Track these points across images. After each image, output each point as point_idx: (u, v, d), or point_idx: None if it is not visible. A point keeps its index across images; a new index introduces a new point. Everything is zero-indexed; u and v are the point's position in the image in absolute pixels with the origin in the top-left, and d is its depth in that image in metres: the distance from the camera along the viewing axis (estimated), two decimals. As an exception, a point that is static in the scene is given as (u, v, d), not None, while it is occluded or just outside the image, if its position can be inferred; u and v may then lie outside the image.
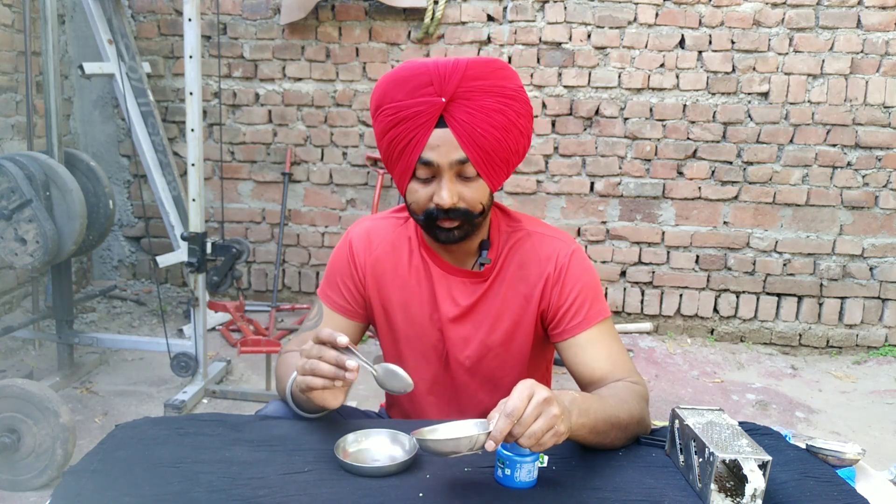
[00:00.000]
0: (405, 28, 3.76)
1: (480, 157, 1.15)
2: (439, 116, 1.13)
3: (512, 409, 0.93)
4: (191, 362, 2.82)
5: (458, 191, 1.17)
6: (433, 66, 1.14)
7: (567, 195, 3.83)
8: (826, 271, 3.75)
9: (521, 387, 0.96)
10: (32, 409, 2.15)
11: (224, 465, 1.04)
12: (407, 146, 1.16)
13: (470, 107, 1.13)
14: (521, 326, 1.31)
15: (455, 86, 1.13)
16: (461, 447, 0.95)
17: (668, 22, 3.62)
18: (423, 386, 1.37)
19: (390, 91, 1.17)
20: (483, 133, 1.14)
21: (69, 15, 3.90)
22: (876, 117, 3.59)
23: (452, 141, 1.14)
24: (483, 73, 1.15)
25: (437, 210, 1.18)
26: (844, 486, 1.05)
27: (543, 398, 0.95)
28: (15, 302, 3.48)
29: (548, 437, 0.95)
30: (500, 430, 0.92)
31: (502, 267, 1.30)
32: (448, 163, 1.15)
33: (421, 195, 1.19)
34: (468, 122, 1.13)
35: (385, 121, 1.17)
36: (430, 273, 1.32)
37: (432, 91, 1.13)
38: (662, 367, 3.47)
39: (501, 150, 1.17)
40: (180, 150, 3.92)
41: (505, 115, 1.16)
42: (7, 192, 2.43)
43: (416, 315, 1.33)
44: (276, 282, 3.90)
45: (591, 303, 1.27)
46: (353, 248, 1.36)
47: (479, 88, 1.14)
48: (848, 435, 2.85)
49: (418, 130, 1.14)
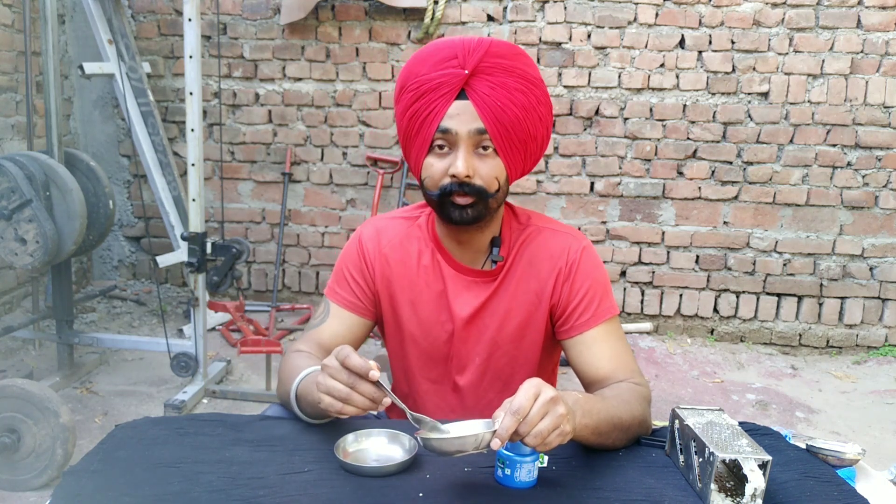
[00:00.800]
0: (405, 28, 3.76)
1: (498, 131, 1.17)
2: (461, 89, 1.15)
3: (518, 408, 0.92)
4: (191, 362, 2.82)
5: (475, 165, 1.18)
6: (459, 42, 1.18)
7: (567, 195, 3.83)
8: (826, 271, 3.75)
9: (528, 385, 0.95)
10: (32, 409, 2.15)
11: (224, 465, 1.04)
12: (427, 117, 1.17)
13: (492, 81, 1.15)
14: (531, 323, 1.30)
15: (478, 59, 1.15)
16: (466, 446, 0.94)
17: (668, 22, 3.62)
18: (428, 385, 1.37)
19: (415, 67, 1.19)
20: (503, 107, 1.16)
21: (69, 15, 3.90)
22: (876, 117, 3.59)
23: (472, 111, 1.15)
24: (506, 53, 1.17)
25: (451, 184, 1.18)
26: (844, 486, 1.05)
27: (550, 397, 0.95)
28: (15, 302, 3.48)
29: (553, 437, 0.95)
30: (505, 429, 0.91)
31: (513, 264, 1.30)
32: (467, 131, 1.16)
33: (437, 169, 1.19)
34: (489, 94, 1.15)
35: (408, 97, 1.19)
36: (440, 272, 1.31)
37: (456, 63, 1.15)
38: (662, 367, 3.47)
39: (520, 129, 1.18)
40: (180, 150, 3.92)
41: (526, 97, 1.18)
42: (7, 192, 2.43)
43: (425, 313, 1.33)
44: (276, 282, 3.90)
45: (599, 300, 1.27)
46: (363, 244, 1.36)
47: (502, 67, 1.16)
48: (848, 435, 2.85)
49: (440, 101, 1.16)
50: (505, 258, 1.30)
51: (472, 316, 1.30)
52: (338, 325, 1.35)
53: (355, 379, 1.00)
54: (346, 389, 1.00)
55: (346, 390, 1.00)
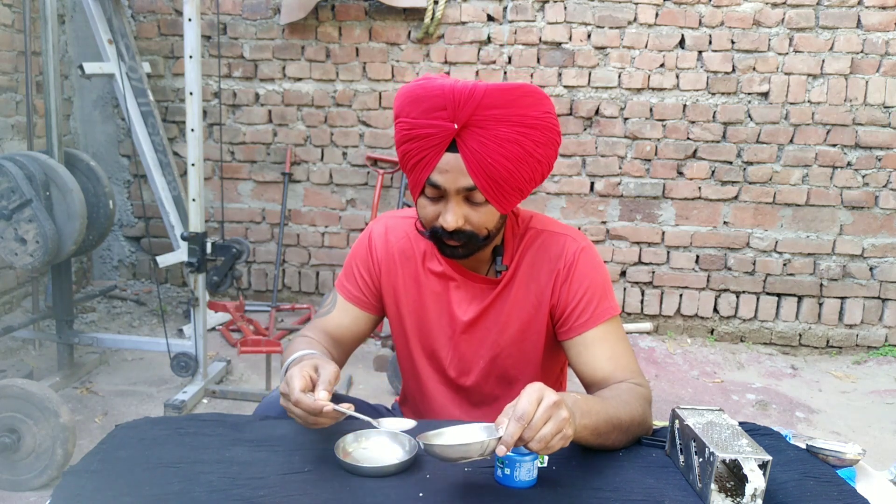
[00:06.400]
0: (405, 28, 3.76)
1: (489, 186, 1.14)
2: (451, 140, 1.12)
3: (522, 413, 0.93)
4: (191, 362, 2.81)
5: (465, 213, 1.17)
6: (449, 90, 1.11)
7: (567, 195, 3.83)
8: (826, 271, 3.75)
9: (530, 390, 0.96)
10: (32, 409, 2.15)
11: (224, 465, 1.04)
12: (418, 164, 1.15)
13: (483, 135, 1.11)
14: (532, 326, 1.31)
15: (469, 114, 1.10)
16: (471, 453, 0.94)
17: (668, 22, 3.62)
18: (434, 384, 1.38)
19: (406, 106, 1.16)
20: (493, 163, 1.12)
21: (69, 15, 3.90)
22: (876, 117, 3.59)
23: (461, 167, 1.12)
24: (501, 101, 1.11)
25: (442, 230, 1.18)
26: (844, 487, 1.05)
27: (553, 402, 0.95)
28: (15, 302, 3.48)
29: (556, 441, 0.95)
30: (510, 435, 0.92)
31: (515, 270, 1.30)
32: (455, 188, 1.15)
33: (429, 212, 1.19)
34: (479, 150, 1.11)
35: (401, 132, 1.18)
36: (444, 276, 1.32)
37: (446, 116, 1.10)
38: (662, 367, 3.47)
39: (513, 179, 1.15)
40: (180, 150, 3.92)
41: (521, 146, 1.13)
42: (7, 192, 2.43)
43: (428, 314, 1.34)
44: (276, 282, 3.90)
45: (598, 301, 1.27)
46: (372, 240, 1.37)
47: (495, 117, 1.11)
48: (848, 435, 2.85)
49: (429, 152, 1.13)
50: (508, 264, 1.30)
51: (474, 321, 1.31)
52: (343, 317, 1.38)
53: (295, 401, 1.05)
54: (310, 418, 1.06)
55: (310, 419, 1.06)
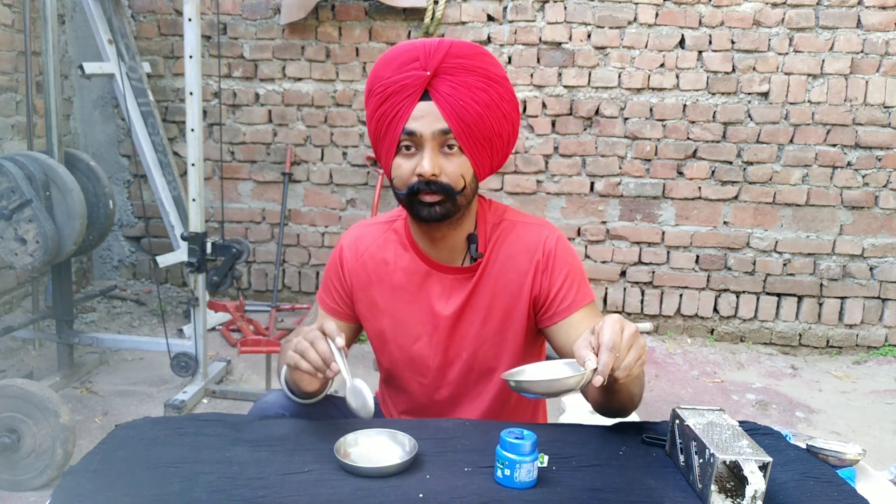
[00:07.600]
0: (405, 28, 3.76)
1: (462, 130, 1.20)
2: (424, 90, 1.19)
3: (613, 344, 0.97)
4: (191, 362, 2.82)
5: (441, 163, 1.21)
6: (420, 44, 1.21)
7: (567, 195, 3.83)
8: (826, 271, 3.75)
9: (612, 320, 1.00)
10: (32, 409, 2.15)
11: (224, 465, 1.04)
12: (393, 119, 1.21)
13: (453, 81, 1.19)
14: (513, 315, 1.33)
15: (439, 61, 1.19)
16: (571, 385, 0.98)
17: (668, 22, 3.62)
18: (415, 385, 1.39)
19: (380, 71, 1.23)
20: (465, 106, 1.19)
21: (69, 15, 3.90)
22: (876, 117, 3.59)
23: (436, 112, 1.19)
24: (467, 53, 1.21)
25: (419, 183, 1.21)
26: (845, 487, 1.05)
27: (633, 330, 1.00)
28: (15, 302, 3.48)
29: (637, 368, 1.00)
30: (605, 364, 0.96)
31: (491, 258, 1.33)
32: (431, 132, 1.19)
33: (404, 169, 1.23)
34: (451, 94, 1.19)
35: (374, 100, 1.23)
36: (420, 273, 1.34)
37: (418, 66, 1.19)
38: (662, 367, 3.47)
39: (483, 126, 1.21)
40: (180, 150, 3.92)
41: (488, 94, 1.21)
42: (7, 192, 2.43)
43: (407, 315, 1.35)
44: (276, 282, 3.90)
45: (578, 286, 1.31)
46: (342, 254, 1.40)
47: (463, 66, 1.20)
48: (848, 435, 2.85)
49: (404, 103, 1.20)
50: (483, 253, 1.32)
51: (456, 313, 1.32)
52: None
53: (318, 337, 1.10)
54: (306, 344, 1.10)
55: (306, 345, 1.10)
